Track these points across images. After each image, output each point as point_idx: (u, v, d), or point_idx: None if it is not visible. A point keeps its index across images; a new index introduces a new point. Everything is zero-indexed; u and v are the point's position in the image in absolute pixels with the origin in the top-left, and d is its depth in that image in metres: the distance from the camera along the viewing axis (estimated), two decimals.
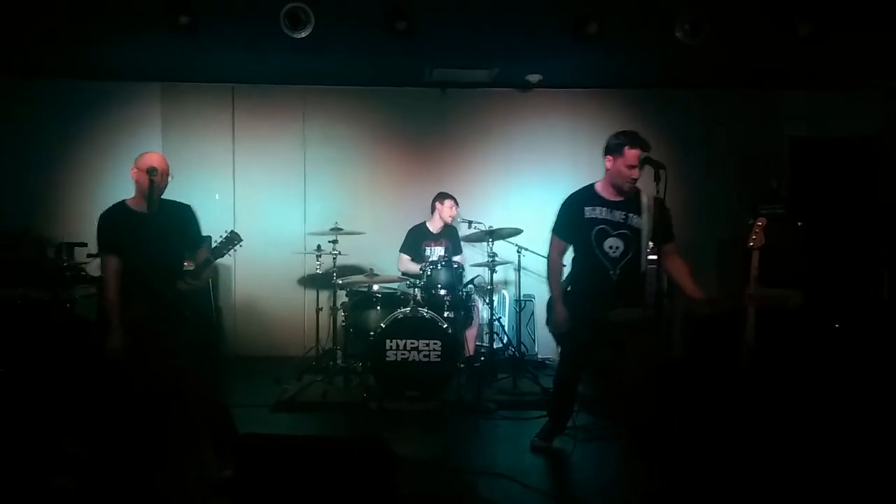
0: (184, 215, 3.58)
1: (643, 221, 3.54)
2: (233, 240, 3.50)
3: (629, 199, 3.59)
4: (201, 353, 4.73)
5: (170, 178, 3.50)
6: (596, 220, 3.59)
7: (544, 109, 6.75)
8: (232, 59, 5.82)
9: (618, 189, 3.59)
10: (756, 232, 3.94)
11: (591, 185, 3.72)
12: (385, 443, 2.74)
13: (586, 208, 3.62)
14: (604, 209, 3.60)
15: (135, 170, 3.40)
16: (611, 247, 3.56)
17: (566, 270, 3.85)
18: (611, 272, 3.56)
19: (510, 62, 5.89)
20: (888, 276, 4.21)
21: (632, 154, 3.46)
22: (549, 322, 3.83)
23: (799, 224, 5.80)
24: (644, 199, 3.56)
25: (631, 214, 3.57)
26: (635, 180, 3.52)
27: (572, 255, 3.81)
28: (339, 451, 2.76)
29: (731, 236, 6.41)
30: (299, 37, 4.62)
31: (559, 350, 4.02)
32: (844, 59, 5.69)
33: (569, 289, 3.74)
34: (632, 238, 3.56)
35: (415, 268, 5.56)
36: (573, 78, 6.47)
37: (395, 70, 6.20)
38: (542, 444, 3.95)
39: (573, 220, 3.67)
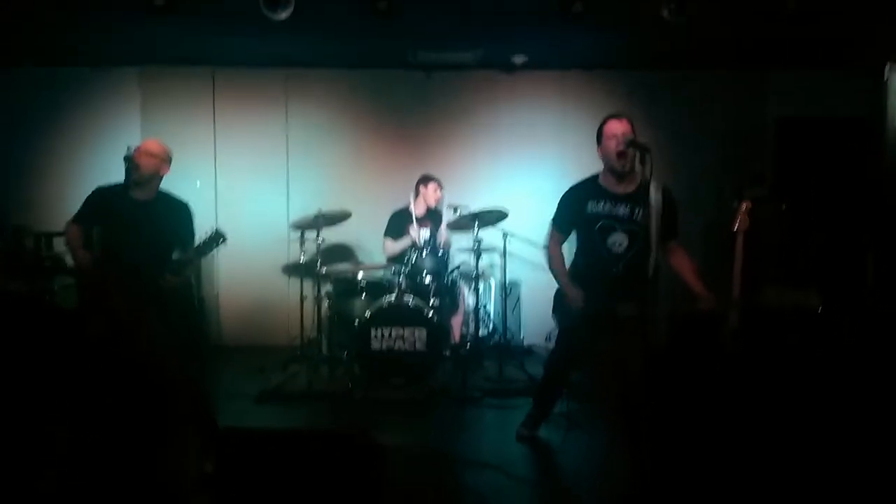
0: (177, 212, 3.54)
1: (651, 215, 3.29)
2: (216, 238, 3.44)
3: (635, 192, 3.44)
4: (184, 343, 4.69)
5: (163, 165, 3.44)
6: (599, 216, 3.47)
7: (530, 91, 6.67)
8: (211, 41, 5.69)
9: (616, 173, 3.45)
10: (740, 215, 3.92)
11: (595, 177, 3.59)
12: (369, 435, 2.72)
13: (590, 202, 3.49)
14: (608, 203, 3.47)
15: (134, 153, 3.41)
16: (615, 243, 3.45)
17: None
18: (614, 268, 3.46)
19: (494, 43, 5.80)
20: (871, 259, 4.20)
21: (610, 126, 3.39)
22: (555, 312, 3.70)
23: (783, 207, 5.79)
24: (652, 191, 3.31)
25: (637, 209, 3.43)
26: (624, 153, 3.35)
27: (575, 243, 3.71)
28: (321, 444, 2.73)
29: (717, 219, 6.40)
30: (279, 19, 4.52)
31: (557, 338, 3.92)
32: (833, 38, 5.64)
33: (571, 278, 3.62)
34: (637, 233, 3.42)
35: (401, 246, 5.48)
36: (559, 60, 6.39)
37: (377, 52, 6.09)
38: (527, 433, 3.93)
39: (575, 214, 3.55)
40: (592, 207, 3.48)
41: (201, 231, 3.48)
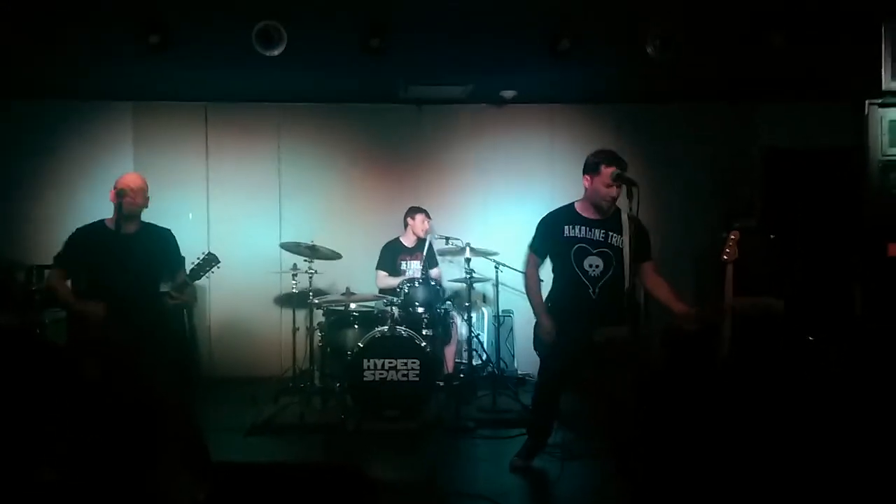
0: (163, 240, 3.58)
1: (624, 240, 3.51)
2: (210, 262, 3.48)
3: (609, 218, 3.59)
4: (176, 375, 4.67)
5: (146, 198, 3.49)
6: (575, 239, 3.58)
7: (520, 125, 6.77)
8: (204, 77, 5.76)
9: (597, 208, 3.59)
10: (730, 245, 3.96)
11: (571, 205, 3.72)
12: (359, 469, 2.70)
13: (566, 227, 3.61)
14: (583, 227, 3.59)
15: (112, 191, 3.40)
16: (591, 265, 3.54)
17: (545, 289, 3.82)
18: (590, 290, 3.54)
19: (484, 78, 5.90)
20: (859, 289, 4.25)
21: (609, 172, 3.48)
22: (535, 344, 3.77)
23: (772, 237, 5.85)
24: (624, 218, 3.54)
25: (611, 233, 3.56)
26: (614, 199, 3.53)
27: (551, 274, 3.79)
28: (311, 479, 2.71)
29: (706, 250, 6.45)
30: (272, 55, 4.59)
31: (539, 368, 3.96)
32: (819, 71, 5.76)
33: (549, 306, 3.71)
34: (612, 257, 3.54)
35: (393, 282, 5.52)
36: (548, 94, 6.50)
37: (369, 87, 6.18)
38: (521, 464, 3.90)
39: (551, 239, 3.67)
40: (569, 231, 3.60)
41: (193, 255, 3.52)
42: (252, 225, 6.53)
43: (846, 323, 4.52)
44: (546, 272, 3.83)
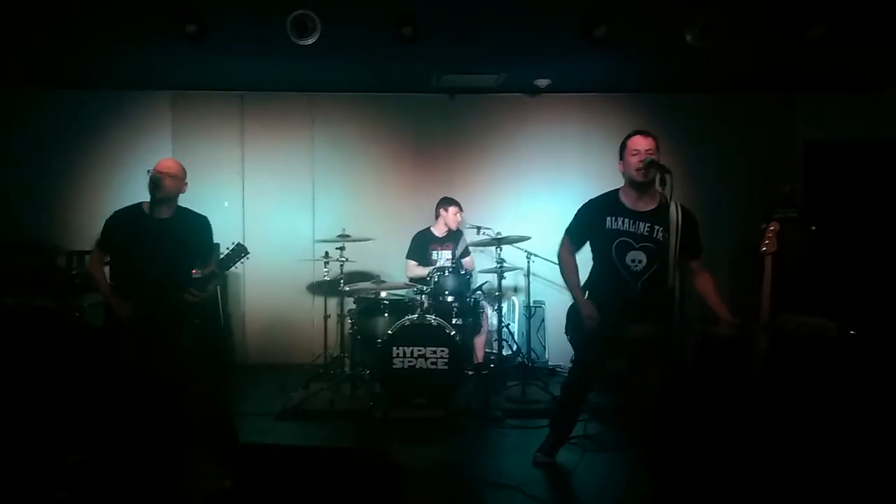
0: (198, 225, 3.61)
1: (669, 235, 3.19)
2: (239, 252, 3.48)
3: (656, 209, 3.38)
4: (208, 360, 4.74)
5: (183, 184, 3.53)
6: (618, 232, 3.41)
7: (554, 114, 6.71)
8: (240, 66, 5.83)
9: (636, 188, 3.40)
10: (769, 237, 3.85)
11: (615, 192, 3.53)
12: (387, 454, 2.70)
13: (608, 218, 3.44)
14: (627, 220, 3.41)
15: (149, 175, 3.46)
16: (633, 260, 3.38)
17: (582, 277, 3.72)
18: (631, 285, 3.39)
19: (518, 67, 5.85)
20: None
21: (634, 141, 3.36)
22: (567, 329, 3.65)
23: (812, 228, 5.70)
24: (672, 210, 3.21)
25: (657, 227, 3.37)
26: (645, 166, 3.29)
27: (590, 262, 3.65)
28: (339, 463, 2.73)
29: (745, 242, 6.32)
30: (306, 44, 4.62)
31: (573, 359, 3.85)
32: (859, 63, 5.60)
33: (586, 295, 3.56)
34: (656, 252, 3.35)
35: (423, 272, 5.52)
36: (582, 82, 6.41)
37: (402, 76, 6.18)
38: (544, 460, 3.85)
39: (591, 228, 3.51)
40: (611, 223, 3.43)
41: (229, 243, 3.54)
42: (286, 213, 6.60)
43: (888, 316, 4.39)
44: (581, 259, 3.69)
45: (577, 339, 3.60)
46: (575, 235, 3.61)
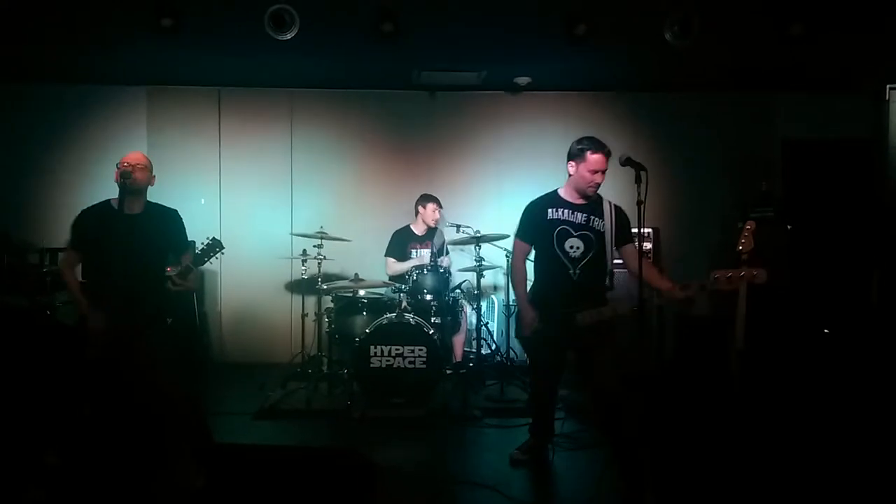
0: (169, 220, 3.55)
1: (605, 224, 3.58)
2: (214, 247, 3.44)
3: (592, 203, 3.64)
4: (183, 359, 4.67)
5: (152, 177, 3.46)
6: (558, 221, 3.63)
7: (534, 112, 6.70)
8: (217, 61, 5.75)
9: (581, 194, 3.63)
10: (745, 236, 3.88)
11: (555, 191, 3.77)
12: (362, 455, 2.68)
13: (549, 210, 3.66)
14: (566, 210, 3.64)
15: (116, 171, 3.38)
16: (571, 246, 3.58)
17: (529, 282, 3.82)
18: (570, 271, 3.57)
19: (498, 64, 5.84)
20: (877, 280, 4.16)
21: (594, 159, 3.53)
22: (517, 331, 3.82)
23: (788, 227, 5.75)
24: (605, 205, 3.63)
25: (593, 217, 3.61)
26: (598, 185, 3.57)
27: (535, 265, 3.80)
28: (314, 463, 2.70)
29: (722, 239, 6.37)
30: (284, 38, 4.57)
31: (529, 361, 3.98)
32: (837, 61, 5.65)
33: (533, 292, 3.74)
34: (593, 239, 3.58)
35: (404, 266, 5.49)
36: (562, 80, 6.41)
37: (382, 73, 6.14)
38: (521, 457, 3.86)
39: (535, 223, 3.71)
40: (552, 214, 3.65)
41: (199, 242, 3.49)
42: (263, 210, 6.53)
43: (862, 314, 4.43)
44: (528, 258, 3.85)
45: (524, 341, 3.79)
46: (524, 234, 3.80)
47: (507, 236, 5.43)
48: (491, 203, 6.62)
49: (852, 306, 4.72)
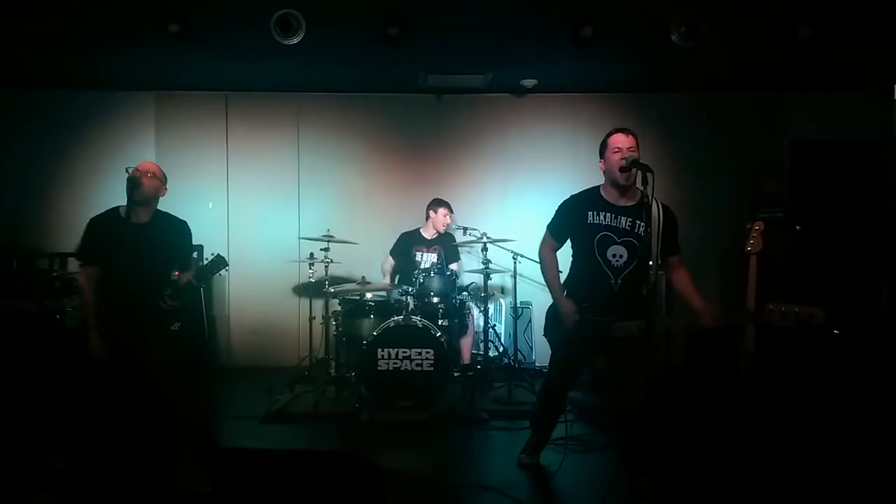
0: (177, 232, 3.49)
1: (651, 230, 3.23)
2: (218, 264, 3.39)
3: (636, 205, 3.37)
4: (190, 365, 4.66)
5: (163, 187, 3.43)
6: (600, 227, 3.37)
7: (541, 114, 6.69)
8: (224, 66, 5.77)
9: (617, 186, 3.36)
10: (754, 236, 3.85)
11: (596, 188, 3.50)
12: (368, 458, 2.67)
13: (590, 213, 3.40)
14: (609, 214, 3.38)
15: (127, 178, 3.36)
16: (614, 255, 3.34)
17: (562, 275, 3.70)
18: (612, 281, 3.35)
19: (504, 67, 5.83)
20: (887, 282, 4.12)
21: (615, 139, 3.32)
22: (546, 329, 3.62)
23: (797, 228, 5.71)
24: (654, 208, 3.29)
25: (638, 222, 3.34)
26: (626, 164, 3.25)
27: (570, 259, 3.60)
28: (320, 467, 2.69)
29: (731, 241, 6.34)
30: (290, 43, 4.59)
31: (551, 358, 3.78)
32: (845, 63, 5.62)
33: (565, 293, 3.51)
34: (637, 247, 3.32)
35: (387, 276, 5.60)
36: (569, 83, 6.41)
37: (389, 76, 6.15)
38: (528, 461, 3.81)
39: (573, 223, 3.47)
40: (593, 218, 3.39)
41: (213, 245, 3.44)
42: (271, 214, 6.55)
43: (872, 315, 4.40)
44: (562, 256, 3.64)
45: (557, 337, 3.55)
46: (556, 231, 3.57)
47: (513, 240, 5.45)
48: (497, 205, 6.62)
49: (862, 307, 4.68)
